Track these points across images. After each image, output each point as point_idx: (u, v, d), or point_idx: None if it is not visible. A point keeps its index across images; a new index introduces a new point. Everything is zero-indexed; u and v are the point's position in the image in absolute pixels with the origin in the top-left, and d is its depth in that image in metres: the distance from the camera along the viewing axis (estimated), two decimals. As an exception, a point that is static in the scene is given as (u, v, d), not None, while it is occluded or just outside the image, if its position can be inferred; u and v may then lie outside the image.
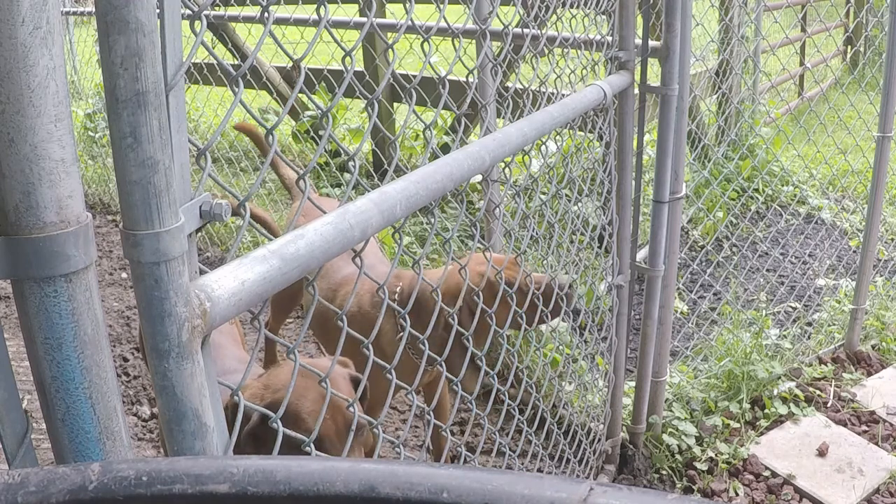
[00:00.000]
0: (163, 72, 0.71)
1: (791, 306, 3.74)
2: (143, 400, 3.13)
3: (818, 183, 5.13)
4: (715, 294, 3.89)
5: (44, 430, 0.75)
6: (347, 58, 1.07)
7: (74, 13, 6.12)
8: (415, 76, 1.24)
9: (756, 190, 4.85)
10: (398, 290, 2.15)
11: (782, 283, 3.94)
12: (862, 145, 4.41)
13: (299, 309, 3.87)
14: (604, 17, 2.12)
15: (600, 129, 2.19)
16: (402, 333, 1.35)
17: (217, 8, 4.80)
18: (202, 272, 0.82)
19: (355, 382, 1.56)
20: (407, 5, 1.21)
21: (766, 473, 2.56)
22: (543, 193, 2.80)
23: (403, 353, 2.10)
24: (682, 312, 3.66)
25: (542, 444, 2.19)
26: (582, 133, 2.25)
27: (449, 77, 1.35)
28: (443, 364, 1.49)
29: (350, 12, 4.54)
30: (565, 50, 1.98)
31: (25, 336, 0.72)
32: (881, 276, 3.83)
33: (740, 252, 4.34)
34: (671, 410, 2.77)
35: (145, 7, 0.67)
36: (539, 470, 2.28)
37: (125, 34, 0.67)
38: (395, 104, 5.29)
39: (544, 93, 1.83)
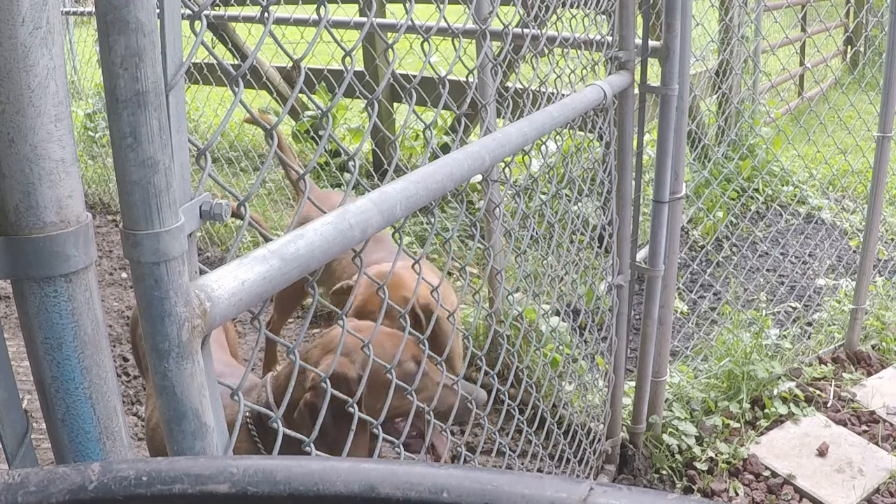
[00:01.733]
0: (163, 72, 0.71)
1: (791, 306, 3.74)
2: (143, 400, 3.13)
3: (818, 183, 5.13)
4: (715, 294, 3.89)
5: (44, 430, 0.75)
6: (347, 58, 1.07)
7: (74, 13, 6.12)
8: (415, 76, 1.24)
9: (756, 190, 4.85)
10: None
11: (782, 283, 3.94)
12: (862, 145, 4.41)
13: (300, 308, 3.88)
14: (604, 17, 2.12)
15: (600, 129, 2.19)
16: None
17: (217, 8, 4.80)
18: (202, 272, 0.82)
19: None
20: (407, 5, 1.21)
21: (766, 473, 2.56)
22: (543, 193, 2.79)
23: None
24: (682, 312, 3.66)
25: (542, 444, 2.19)
26: (582, 133, 2.25)
27: (449, 77, 1.35)
28: (442, 364, 1.49)
29: (350, 12, 4.54)
30: (565, 50, 1.98)
31: (25, 336, 0.72)
32: (881, 276, 3.83)
33: (740, 252, 4.34)
34: (671, 410, 2.77)
35: (145, 7, 0.67)
36: (539, 470, 2.28)
37: (125, 34, 0.67)
38: (395, 104, 5.29)
39: (544, 93, 1.83)
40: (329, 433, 1.51)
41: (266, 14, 0.91)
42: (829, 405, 2.91)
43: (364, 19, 2.27)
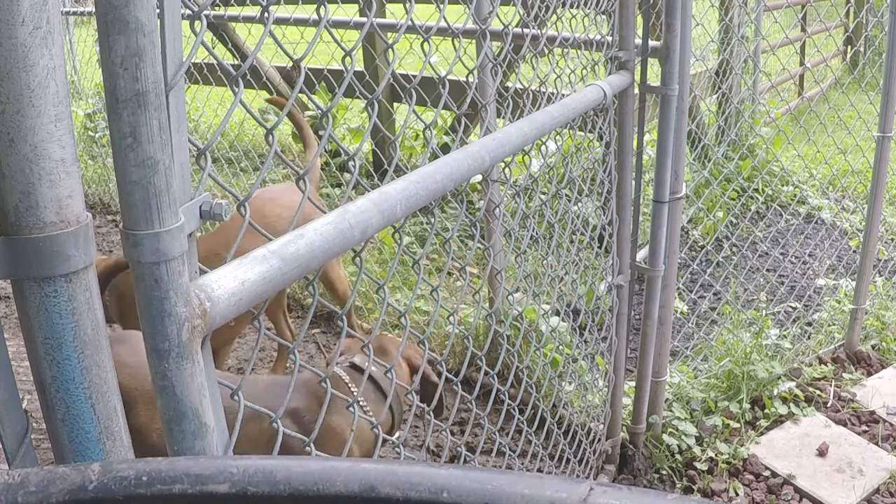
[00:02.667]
0: (163, 72, 0.71)
1: (791, 306, 3.74)
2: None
3: (818, 183, 5.13)
4: (715, 294, 3.89)
5: (44, 430, 0.75)
6: (347, 58, 1.07)
7: (74, 13, 6.12)
8: (415, 76, 1.24)
9: (756, 190, 4.85)
10: None
11: (782, 283, 3.94)
12: (862, 145, 4.41)
13: (299, 309, 3.88)
14: (604, 17, 2.12)
15: (600, 129, 2.19)
16: None
17: (217, 8, 4.80)
18: (202, 272, 0.82)
19: None
20: (407, 5, 1.21)
21: (766, 473, 2.56)
22: (543, 193, 2.80)
23: None
24: (682, 312, 3.66)
25: (542, 444, 2.19)
26: (582, 133, 2.25)
27: (449, 77, 1.35)
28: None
29: (350, 12, 4.54)
30: (565, 50, 1.98)
31: (25, 336, 0.72)
32: (881, 276, 3.83)
33: (740, 252, 4.34)
34: (671, 410, 2.77)
35: (145, 7, 0.67)
36: (539, 470, 2.28)
37: (125, 34, 0.67)
38: (395, 104, 5.29)
39: (544, 93, 1.83)
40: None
41: (266, 14, 0.91)
42: (829, 405, 2.91)
43: (364, 19, 2.27)
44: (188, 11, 0.78)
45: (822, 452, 2.62)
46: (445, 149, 1.43)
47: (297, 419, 1.70)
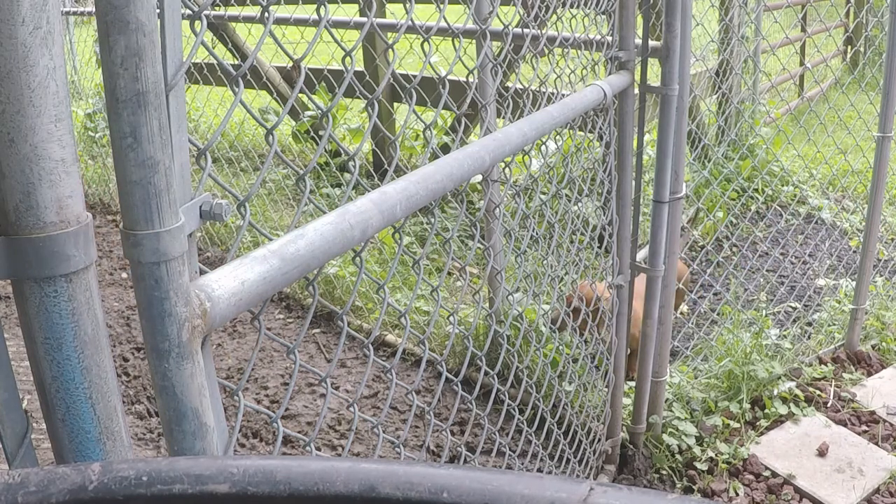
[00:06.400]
0: (163, 72, 0.71)
1: (791, 306, 3.74)
2: (143, 400, 3.13)
3: (818, 183, 5.13)
4: (715, 294, 3.89)
5: (44, 430, 0.75)
6: (347, 58, 1.07)
7: (74, 13, 6.12)
8: (415, 76, 1.24)
9: (756, 190, 4.85)
10: None
11: (782, 283, 3.94)
12: (862, 145, 4.41)
13: (299, 309, 3.88)
14: (604, 17, 2.12)
15: (600, 129, 2.19)
16: None
17: (217, 8, 4.80)
18: (202, 272, 0.82)
19: None
20: (407, 5, 1.21)
21: (766, 473, 2.56)
22: (543, 193, 2.79)
23: None
24: (682, 312, 3.66)
25: (542, 444, 2.19)
26: (582, 133, 2.25)
27: (449, 77, 1.35)
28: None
29: (350, 12, 4.54)
30: (565, 50, 1.98)
31: (25, 336, 0.72)
32: (881, 276, 3.83)
33: (740, 252, 4.34)
34: (671, 410, 2.76)
35: (145, 7, 0.67)
36: (539, 470, 2.28)
37: (125, 34, 0.67)
38: (395, 104, 5.30)
39: (544, 93, 1.83)
40: None
41: (266, 14, 0.91)
42: (829, 405, 2.91)
43: (364, 19, 2.27)
44: (188, 11, 0.79)
45: (822, 452, 2.62)
46: (445, 149, 1.43)
47: None
